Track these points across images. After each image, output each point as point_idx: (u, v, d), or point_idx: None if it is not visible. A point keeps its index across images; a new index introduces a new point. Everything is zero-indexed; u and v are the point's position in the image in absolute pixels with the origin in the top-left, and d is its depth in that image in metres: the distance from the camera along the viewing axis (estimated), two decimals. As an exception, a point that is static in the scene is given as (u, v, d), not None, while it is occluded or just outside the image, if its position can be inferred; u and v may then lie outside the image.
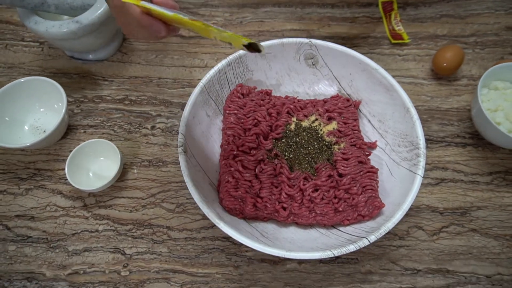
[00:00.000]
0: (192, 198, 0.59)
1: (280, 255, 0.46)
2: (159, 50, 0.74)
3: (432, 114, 0.67)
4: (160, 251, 0.56)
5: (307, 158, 0.55)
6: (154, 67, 0.72)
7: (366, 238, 0.47)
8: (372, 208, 0.52)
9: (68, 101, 0.68)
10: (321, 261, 0.56)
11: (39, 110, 0.65)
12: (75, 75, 0.71)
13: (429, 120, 0.67)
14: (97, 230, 0.58)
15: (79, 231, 0.58)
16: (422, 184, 0.60)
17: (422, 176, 0.50)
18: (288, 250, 0.46)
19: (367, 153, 0.58)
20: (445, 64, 0.67)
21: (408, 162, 0.53)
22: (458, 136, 0.65)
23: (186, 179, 0.50)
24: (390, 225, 0.47)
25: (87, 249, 0.56)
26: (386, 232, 0.47)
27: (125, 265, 0.55)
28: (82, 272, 0.55)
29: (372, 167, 0.55)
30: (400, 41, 0.74)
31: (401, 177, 0.54)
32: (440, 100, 0.69)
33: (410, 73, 0.71)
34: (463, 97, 0.69)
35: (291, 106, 0.60)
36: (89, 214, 0.59)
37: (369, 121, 0.62)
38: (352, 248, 0.46)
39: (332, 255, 0.46)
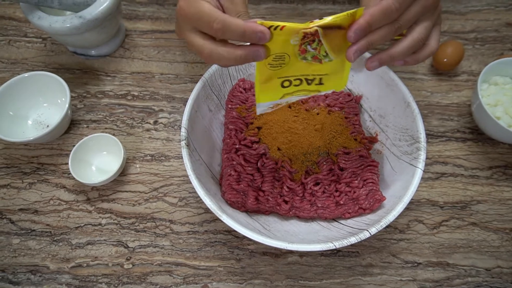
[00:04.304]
0: (194, 192, 0.60)
1: (282, 247, 0.46)
2: (161, 46, 0.74)
3: (432, 109, 0.68)
4: (163, 244, 0.57)
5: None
6: (156, 63, 0.72)
7: (367, 231, 0.47)
8: (373, 201, 0.52)
9: (71, 96, 0.68)
10: (322, 254, 0.56)
11: (42, 105, 0.66)
12: (77, 71, 0.71)
13: (429, 115, 0.67)
14: (100, 224, 0.58)
15: (82, 225, 0.58)
16: (423, 179, 0.61)
17: (423, 169, 0.51)
18: (290, 242, 0.46)
19: (367, 147, 0.58)
20: (445, 60, 0.68)
21: (409, 156, 0.54)
22: (458, 131, 0.66)
23: (189, 172, 0.50)
24: (390, 217, 0.48)
25: (90, 243, 0.57)
26: (387, 224, 0.47)
27: (128, 258, 0.56)
28: (85, 265, 0.55)
29: (373, 161, 0.56)
30: (400, 37, 0.74)
31: (401, 170, 0.54)
32: (440, 96, 0.69)
33: (410, 69, 0.72)
34: (463, 93, 0.69)
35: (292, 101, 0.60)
36: (92, 208, 0.59)
37: (370, 116, 0.62)
38: (353, 240, 0.46)
39: (333, 247, 0.46)
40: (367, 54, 0.59)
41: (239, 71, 0.62)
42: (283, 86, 0.42)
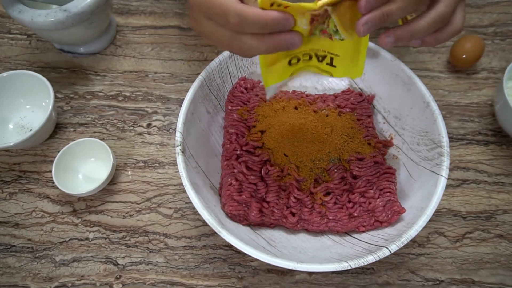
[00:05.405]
0: (191, 203, 0.54)
1: (290, 268, 0.41)
2: (155, 43, 0.69)
3: (451, 109, 0.62)
4: (156, 261, 0.51)
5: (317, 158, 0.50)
6: (150, 61, 0.67)
7: (387, 248, 0.42)
8: (391, 214, 0.47)
9: (57, 98, 0.63)
10: (333, 271, 0.51)
11: (25, 107, 0.60)
12: (65, 70, 0.66)
13: (448, 116, 0.62)
14: (87, 238, 0.53)
15: (67, 239, 0.52)
16: (443, 186, 0.56)
17: (447, 177, 0.45)
18: (299, 261, 0.41)
19: (382, 153, 0.53)
20: (464, 56, 0.62)
21: (430, 162, 0.48)
22: (479, 133, 0.60)
23: (185, 181, 0.45)
24: (412, 232, 0.42)
25: (76, 259, 0.51)
26: (408, 240, 0.42)
27: (118, 276, 0.50)
28: (70, 284, 0.50)
29: (390, 167, 0.50)
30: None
31: (421, 178, 0.49)
32: (458, 95, 0.64)
33: (425, 66, 0.66)
34: (483, 91, 0.64)
35: (299, 101, 0.54)
36: (79, 220, 0.54)
37: (384, 117, 0.57)
38: (371, 259, 0.41)
39: (349, 267, 0.41)
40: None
41: (239, 69, 0.57)
42: (290, 64, 0.37)
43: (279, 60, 0.35)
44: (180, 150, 0.47)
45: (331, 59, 0.36)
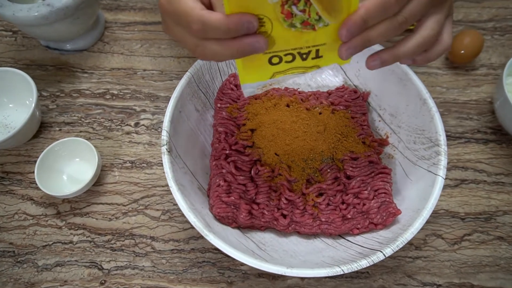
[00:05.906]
0: (179, 204, 0.52)
1: (280, 273, 0.39)
2: (145, 39, 0.67)
3: (449, 107, 0.60)
4: (143, 266, 0.49)
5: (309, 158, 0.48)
6: (139, 58, 0.65)
7: (381, 251, 0.40)
8: (386, 215, 0.45)
9: (42, 96, 0.61)
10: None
11: (8, 106, 0.58)
12: (51, 67, 0.64)
13: (446, 114, 0.60)
14: (71, 242, 0.51)
15: (50, 243, 0.50)
16: (440, 186, 0.54)
17: (444, 177, 0.44)
18: (289, 266, 0.39)
19: (377, 152, 0.51)
20: (462, 52, 0.60)
21: (426, 161, 0.46)
22: (478, 131, 0.58)
23: (170, 182, 0.43)
24: (408, 235, 0.40)
25: (60, 264, 0.49)
26: (404, 243, 0.40)
27: (103, 282, 0.48)
28: (52, 290, 0.48)
29: (385, 167, 0.48)
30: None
31: (418, 178, 0.47)
32: (457, 92, 0.62)
33: (423, 62, 0.64)
34: (482, 88, 0.62)
35: (291, 99, 0.52)
36: (63, 223, 0.52)
37: (379, 115, 0.55)
38: (364, 263, 0.39)
39: (341, 272, 0.39)
40: (376, 46, 0.51)
41: (229, 65, 0.55)
42: (271, 63, 0.34)
43: (257, 56, 0.33)
44: (166, 149, 0.45)
45: (317, 51, 0.33)
